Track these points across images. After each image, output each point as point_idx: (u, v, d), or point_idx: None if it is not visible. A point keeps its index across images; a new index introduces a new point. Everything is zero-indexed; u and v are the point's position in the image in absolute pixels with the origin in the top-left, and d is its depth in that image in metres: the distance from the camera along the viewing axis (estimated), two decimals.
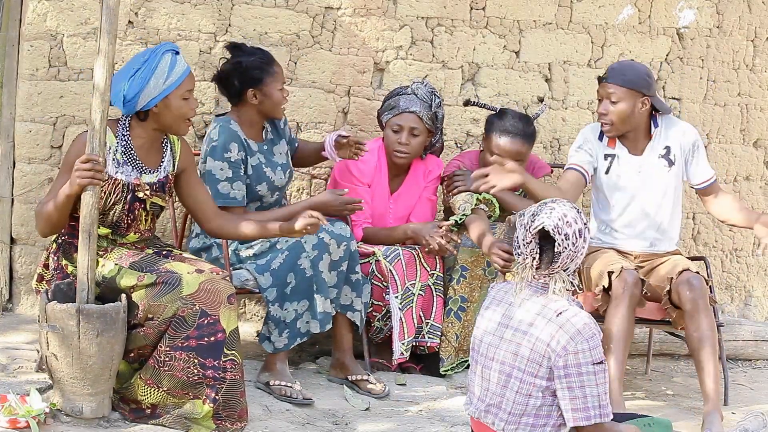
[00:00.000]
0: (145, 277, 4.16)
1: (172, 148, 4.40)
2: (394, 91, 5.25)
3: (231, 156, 4.76)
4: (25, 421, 3.95)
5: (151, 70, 4.18)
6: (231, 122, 4.82)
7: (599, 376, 3.41)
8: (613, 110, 4.91)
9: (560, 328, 3.41)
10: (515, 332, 3.50)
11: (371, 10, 5.61)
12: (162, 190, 4.35)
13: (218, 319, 4.13)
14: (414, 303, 5.04)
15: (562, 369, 3.40)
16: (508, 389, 3.48)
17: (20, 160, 5.13)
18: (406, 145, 5.15)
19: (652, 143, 5.03)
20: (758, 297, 6.69)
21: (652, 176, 5.00)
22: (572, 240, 3.45)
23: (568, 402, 3.41)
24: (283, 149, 5.02)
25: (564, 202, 3.53)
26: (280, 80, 4.85)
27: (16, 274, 5.22)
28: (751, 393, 5.43)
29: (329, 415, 4.56)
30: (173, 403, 4.16)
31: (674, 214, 5.09)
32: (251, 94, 4.82)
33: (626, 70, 4.97)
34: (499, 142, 5.14)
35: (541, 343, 3.42)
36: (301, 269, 4.67)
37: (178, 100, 4.24)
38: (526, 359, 3.45)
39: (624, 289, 4.62)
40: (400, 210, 5.30)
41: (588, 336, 3.41)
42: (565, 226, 3.44)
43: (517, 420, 3.48)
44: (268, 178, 4.88)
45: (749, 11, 6.44)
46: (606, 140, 5.05)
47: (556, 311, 3.44)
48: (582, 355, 3.39)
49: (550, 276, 3.49)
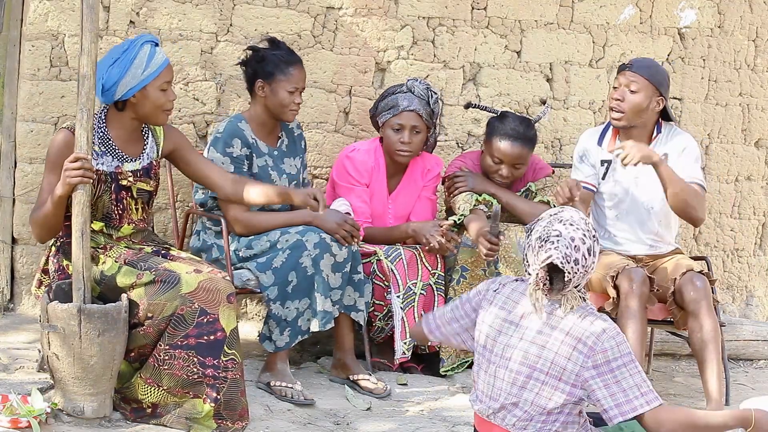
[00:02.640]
0: (144, 275, 4.16)
1: (153, 134, 4.45)
2: (388, 91, 5.25)
3: (233, 151, 4.78)
4: (26, 421, 3.95)
5: (129, 60, 4.24)
6: (240, 120, 4.85)
7: (632, 366, 3.37)
8: (630, 99, 4.91)
9: (585, 330, 3.39)
10: (536, 335, 3.46)
11: (372, 10, 5.61)
12: (147, 176, 4.38)
13: (217, 317, 4.13)
14: (415, 302, 5.04)
15: (593, 369, 3.37)
16: (527, 390, 3.45)
17: (22, 160, 5.13)
18: (409, 144, 5.15)
19: (651, 148, 5.00)
20: (759, 297, 6.69)
21: (650, 181, 4.95)
22: (582, 263, 3.41)
23: (610, 399, 3.37)
24: (297, 163, 5.03)
25: (572, 218, 3.46)
26: (292, 83, 4.85)
27: (17, 274, 5.22)
28: (753, 393, 5.43)
29: (330, 415, 4.56)
30: (174, 402, 4.16)
31: (670, 217, 5.07)
32: (259, 86, 4.84)
33: (651, 64, 5.02)
34: (499, 145, 5.14)
35: (567, 346, 3.39)
36: (302, 268, 4.67)
37: (156, 90, 4.29)
38: (550, 362, 3.42)
39: (633, 288, 4.62)
40: (400, 209, 5.30)
41: (612, 335, 3.39)
42: (574, 252, 3.39)
43: (530, 418, 3.47)
44: (272, 182, 4.88)
45: (751, 11, 6.43)
46: (605, 145, 5.04)
47: (580, 316, 3.43)
48: (611, 351, 3.36)
49: (562, 295, 3.47)
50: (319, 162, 5.59)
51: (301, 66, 4.90)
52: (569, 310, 3.44)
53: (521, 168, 5.22)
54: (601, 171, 5.05)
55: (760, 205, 6.56)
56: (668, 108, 5.03)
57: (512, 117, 5.23)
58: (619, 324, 4.63)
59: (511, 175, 5.20)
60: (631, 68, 4.93)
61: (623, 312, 4.64)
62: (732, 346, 5.84)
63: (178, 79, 5.29)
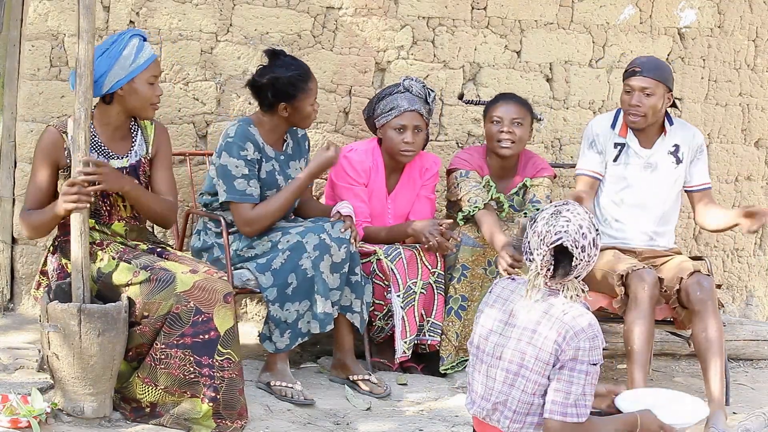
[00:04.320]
0: (140, 273, 4.17)
1: (143, 132, 4.45)
2: (384, 92, 5.24)
3: (247, 155, 4.77)
4: (26, 421, 3.95)
5: (118, 51, 4.27)
6: (250, 125, 4.84)
7: (589, 377, 3.41)
8: (647, 103, 4.97)
9: (566, 325, 3.41)
10: (523, 331, 3.49)
11: (372, 10, 5.61)
12: (134, 174, 4.39)
13: (212, 317, 4.13)
14: (416, 301, 5.04)
15: (565, 362, 3.40)
16: (515, 388, 3.47)
17: (22, 160, 5.13)
18: (413, 144, 5.16)
19: (663, 139, 5.07)
20: (759, 297, 6.69)
21: (659, 170, 5.05)
22: (588, 251, 3.44)
23: (552, 393, 3.42)
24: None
25: (577, 210, 3.49)
26: (313, 96, 4.86)
27: (17, 274, 5.22)
28: (753, 393, 5.43)
29: (330, 415, 4.56)
30: (172, 402, 4.16)
31: (674, 210, 5.15)
32: (282, 108, 4.83)
33: (657, 64, 5.07)
34: (496, 106, 5.20)
35: (550, 341, 3.42)
36: (302, 270, 4.67)
37: (144, 84, 4.32)
38: (534, 358, 3.44)
39: (644, 289, 4.64)
40: (399, 209, 5.30)
41: (590, 336, 3.41)
42: (581, 239, 3.43)
43: (522, 419, 3.47)
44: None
45: (750, 11, 6.44)
46: (618, 129, 5.08)
47: (564, 311, 3.44)
48: (582, 352, 3.39)
49: (562, 284, 3.48)
50: None
51: (312, 74, 4.90)
52: (569, 299, 3.46)
53: (522, 127, 5.17)
54: (614, 153, 5.08)
55: (760, 204, 6.56)
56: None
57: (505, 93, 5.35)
58: (627, 324, 4.64)
59: (514, 133, 5.14)
60: (642, 72, 4.97)
61: (633, 313, 4.65)
62: (732, 346, 5.84)
63: (178, 79, 5.29)
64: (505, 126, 5.14)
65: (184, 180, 5.24)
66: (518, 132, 5.16)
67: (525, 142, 5.23)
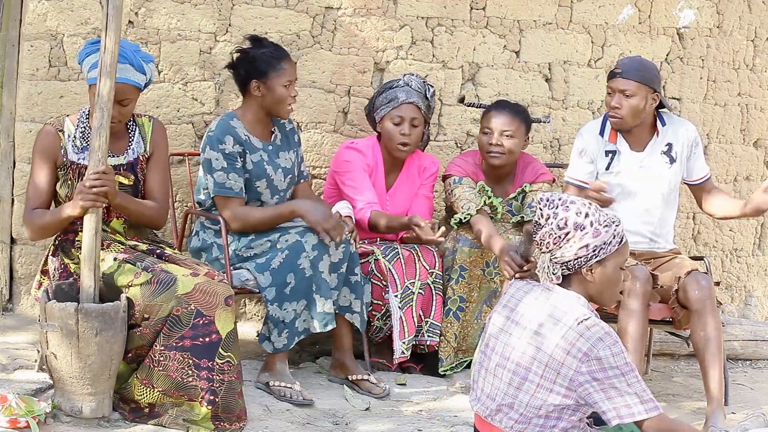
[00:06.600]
0: (141, 275, 4.17)
1: (140, 130, 4.46)
2: (385, 86, 5.27)
3: (225, 148, 4.78)
4: (25, 421, 3.95)
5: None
6: (232, 118, 4.86)
7: (630, 376, 3.34)
8: (627, 104, 4.95)
9: (581, 336, 3.35)
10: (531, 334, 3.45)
11: (371, 10, 5.61)
12: (132, 172, 4.40)
13: (213, 320, 4.13)
14: (414, 302, 5.04)
15: (588, 375, 3.34)
16: (522, 392, 3.44)
17: (20, 160, 5.13)
18: (409, 136, 5.16)
19: (655, 140, 5.05)
20: (758, 297, 6.69)
21: (653, 172, 5.03)
22: (558, 223, 3.40)
23: (608, 402, 3.33)
24: (291, 156, 5.02)
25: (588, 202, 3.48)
26: (286, 77, 4.84)
27: (16, 274, 5.22)
28: (752, 393, 5.44)
29: (329, 415, 4.56)
30: (171, 402, 4.15)
31: (671, 211, 5.14)
32: (254, 86, 4.83)
33: (639, 65, 5.02)
34: (488, 117, 5.19)
35: (561, 350, 3.37)
36: (300, 269, 4.67)
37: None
38: (544, 365, 3.40)
39: (636, 285, 4.63)
40: (397, 206, 5.31)
41: (609, 343, 3.35)
42: (561, 208, 3.41)
43: (527, 421, 3.45)
44: (268, 176, 4.89)
45: (749, 11, 6.44)
46: (607, 135, 5.07)
47: (577, 319, 3.40)
48: (605, 361, 3.32)
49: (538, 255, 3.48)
50: (318, 162, 5.60)
51: (290, 59, 4.91)
52: (539, 272, 3.47)
53: (512, 139, 5.14)
54: (605, 161, 5.07)
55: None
56: (663, 98, 5.07)
57: (503, 101, 5.31)
58: (620, 322, 4.64)
59: (503, 146, 5.13)
60: (622, 74, 4.96)
61: (625, 310, 4.65)
62: (731, 346, 5.85)
63: (177, 79, 5.30)
64: (494, 138, 5.14)
65: (183, 180, 5.24)
66: (507, 144, 5.14)
67: (516, 152, 5.22)
